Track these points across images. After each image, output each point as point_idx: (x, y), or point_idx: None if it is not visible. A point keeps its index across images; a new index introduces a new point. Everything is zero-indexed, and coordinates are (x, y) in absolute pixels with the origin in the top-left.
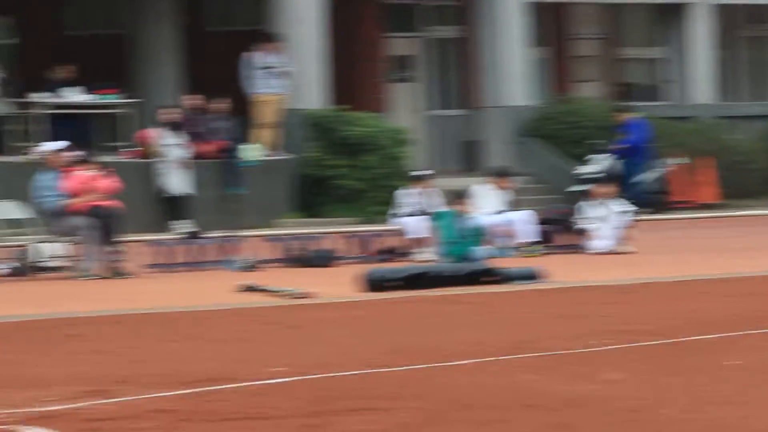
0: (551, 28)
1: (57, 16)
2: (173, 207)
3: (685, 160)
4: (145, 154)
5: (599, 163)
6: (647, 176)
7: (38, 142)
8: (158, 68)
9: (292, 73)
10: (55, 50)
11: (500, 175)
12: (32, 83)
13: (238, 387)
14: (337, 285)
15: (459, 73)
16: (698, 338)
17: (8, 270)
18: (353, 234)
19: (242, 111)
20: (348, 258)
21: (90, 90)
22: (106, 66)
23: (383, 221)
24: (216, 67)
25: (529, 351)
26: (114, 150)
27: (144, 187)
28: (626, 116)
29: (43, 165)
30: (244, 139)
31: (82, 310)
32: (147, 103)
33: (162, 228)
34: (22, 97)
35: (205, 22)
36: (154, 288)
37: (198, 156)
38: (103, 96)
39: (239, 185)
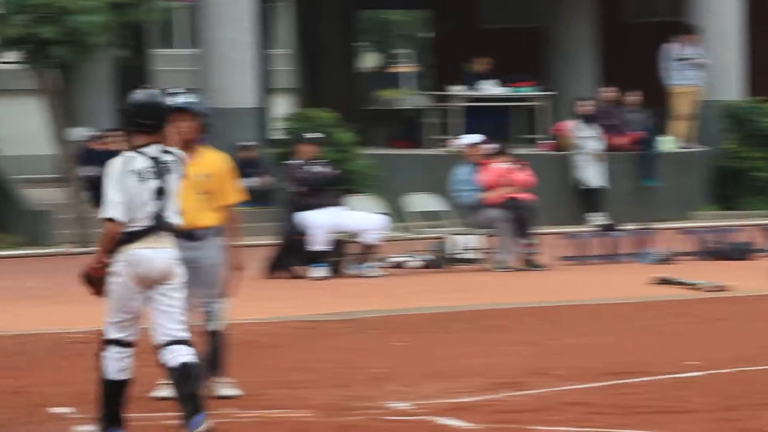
0: None
1: (474, 10)
2: (588, 199)
3: None
4: (561, 147)
5: None
6: None
7: (455, 134)
8: (574, 60)
9: (708, 65)
10: (472, 43)
11: None
12: (449, 76)
13: (651, 380)
14: (754, 278)
15: None
16: None
17: (423, 262)
18: None
19: (656, 102)
20: (766, 251)
21: (505, 82)
22: (522, 59)
23: None
24: (632, 59)
25: None
26: (530, 142)
27: (559, 180)
28: None
29: (460, 158)
30: (658, 131)
31: (497, 302)
32: (562, 95)
33: (577, 220)
34: (440, 90)
35: (626, 15)
36: (568, 280)
37: (612, 148)
38: (518, 89)
39: (654, 177)
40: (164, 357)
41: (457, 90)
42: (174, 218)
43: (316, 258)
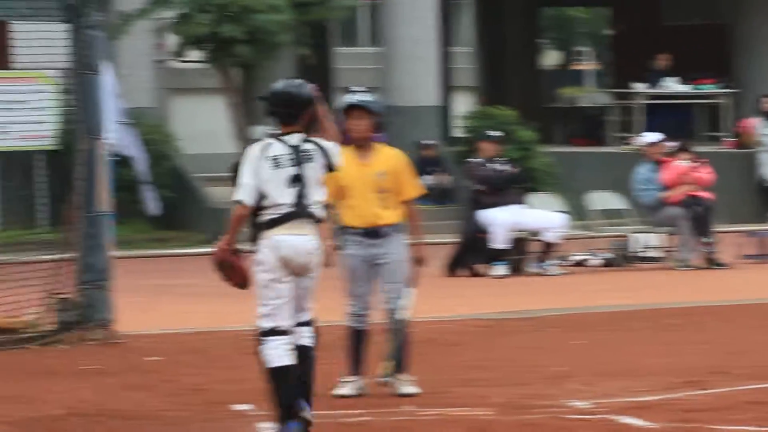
0: None
1: (655, 7)
2: None
3: None
4: (744, 144)
5: None
6: None
7: (637, 132)
8: (758, 58)
9: None
10: (653, 40)
11: None
12: (630, 73)
13: None
14: None
15: None
16: None
17: (604, 260)
18: None
19: None
20: None
21: (687, 80)
22: (704, 56)
23: None
24: None
25: None
26: (712, 140)
27: (742, 178)
28: None
29: (641, 156)
30: None
31: (678, 301)
32: (745, 92)
33: (759, 218)
34: (621, 87)
35: None
36: (749, 278)
37: None
38: (700, 86)
39: None
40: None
41: (640, 87)
42: (315, 207)
43: (497, 256)
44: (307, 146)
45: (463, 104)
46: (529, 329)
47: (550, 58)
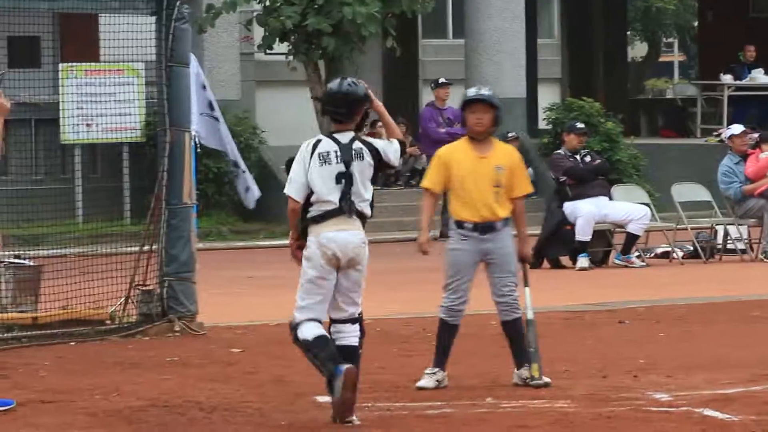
0: None
1: None
2: None
3: None
4: None
5: None
6: None
7: (723, 124)
8: None
9: None
10: (740, 32)
11: None
12: (718, 65)
13: None
14: None
15: None
16: None
17: (689, 252)
18: None
19: None
20: None
21: None
22: None
23: None
24: None
25: None
26: None
27: None
28: None
29: (727, 148)
30: None
31: (764, 293)
32: None
33: None
34: (707, 79)
35: None
36: None
37: None
38: None
39: None
40: (331, 335)
41: (726, 79)
42: (362, 204)
43: (582, 248)
44: (358, 145)
45: (548, 96)
46: (613, 321)
47: (637, 50)
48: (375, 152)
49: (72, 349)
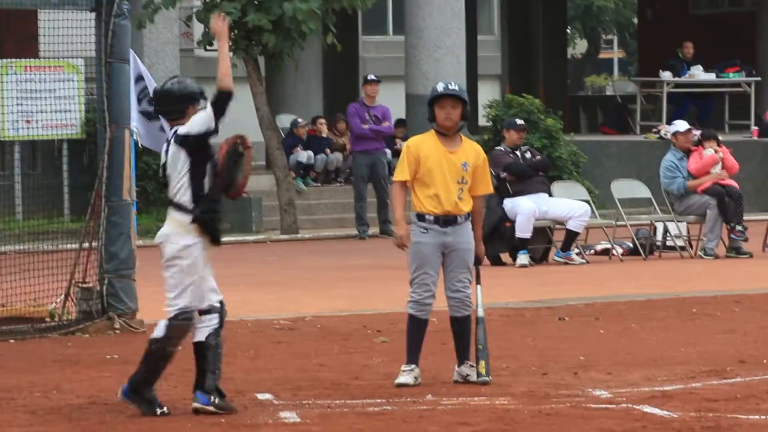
0: None
1: None
2: None
3: None
4: None
5: None
6: None
7: (662, 121)
8: None
9: None
10: (680, 28)
11: None
12: (656, 62)
13: None
14: None
15: None
16: None
17: (628, 249)
18: None
19: None
20: None
21: (712, 68)
22: (729, 44)
23: None
24: None
25: None
26: (736, 129)
27: (765, 166)
28: None
29: (667, 144)
30: None
31: (704, 290)
32: None
33: None
34: (647, 76)
35: None
36: None
37: None
38: (725, 74)
39: None
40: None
41: (665, 76)
42: (176, 195)
43: (522, 245)
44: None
45: (488, 93)
46: (552, 318)
47: (577, 47)
48: (181, 138)
49: (11, 346)
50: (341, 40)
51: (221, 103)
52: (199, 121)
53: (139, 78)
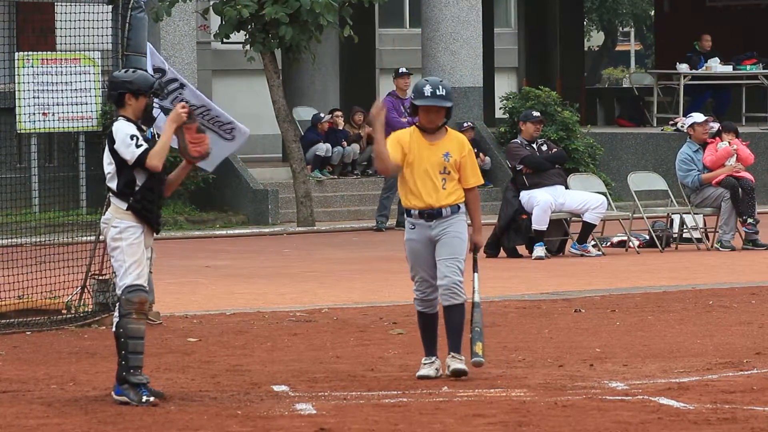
0: None
1: None
2: None
3: None
4: None
5: None
6: None
7: (679, 113)
8: None
9: None
10: (697, 21)
11: None
12: (674, 54)
13: None
14: None
15: None
16: None
17: (645, 241)
18: None
19: None
20: None
21: (730, 60)
22: (747, 36)
23: None
24: None
25: None
26: (753, 121)
27: None
28: None
29: (684, 137)
30: None
31: (720, 281)
32: None
33: None
34: (664, 68)
35: None
36: None
37: None
38: (742, 66)
39: None
40: None
41: (682, 68)
42: (109, 184)
43: (538, 237)
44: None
45: (505, 85)
46: (568, 310)
47: (594, 39)
48: (109, 137)
49: (28, 338)
50: (358, 33)
51: (142, 167)
52: (125, 145)
53: (157, 70)
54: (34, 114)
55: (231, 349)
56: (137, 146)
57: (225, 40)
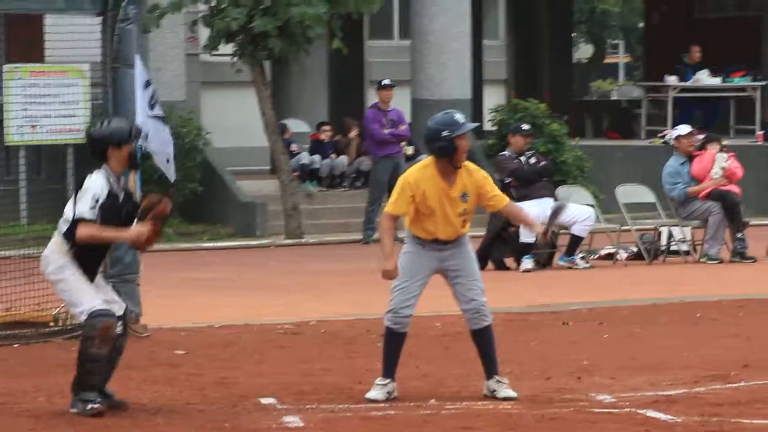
0: None
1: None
2: None
3: None
4: None
5: None
6: None
7: (668, 126)
8: None
9: None
10: (685, 33)
11: None
12: (663, 66)
13: None
14: None
15: None
16: None
17: (633, 254)
18: None
19: None
20: None
21: (718, 72)
22: (736, 48)
23: None
24: None
25: None
26: (741, 133)
27: None
28: None
29: (672, 149)
30: None
31: (707, 294)
32: None
33: None
34: (653, 81)
35: None
36: None
37: None
38: (731, 79)
39: None
40: None
41: (671, 80)
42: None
43: (526, 249)
44: None
45: (494, 97)
46: (556, 323)
47: (582, 52)
48: (75, 190)
49: (15, 351)
50: (347, 45)
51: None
52: (82, 201)
53: (149, 83)
54: (22, 126)
55: (218, 361)
56: (90, 209)
57: (213, 52)
